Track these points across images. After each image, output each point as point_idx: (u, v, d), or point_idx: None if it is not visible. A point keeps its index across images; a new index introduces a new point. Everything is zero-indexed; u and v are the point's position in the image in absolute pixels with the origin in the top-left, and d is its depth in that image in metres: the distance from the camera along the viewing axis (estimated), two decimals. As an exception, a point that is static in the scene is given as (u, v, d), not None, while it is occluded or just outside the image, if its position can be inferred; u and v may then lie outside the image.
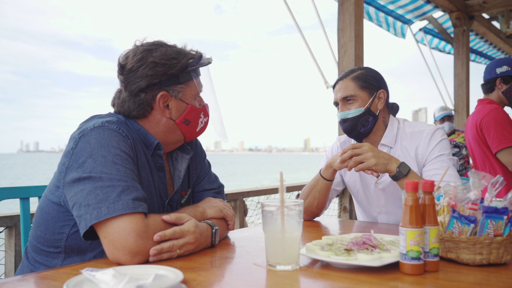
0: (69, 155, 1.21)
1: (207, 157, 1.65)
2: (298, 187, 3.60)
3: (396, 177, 1.62)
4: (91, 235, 1.15)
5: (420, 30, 6.78)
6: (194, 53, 1.39)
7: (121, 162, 1.19)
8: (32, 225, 1.35)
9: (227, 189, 2.81)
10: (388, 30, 5.82)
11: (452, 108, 6.44)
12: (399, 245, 1.03)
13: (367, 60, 4.69)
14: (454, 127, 5.22)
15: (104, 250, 1.12)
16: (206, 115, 1.45)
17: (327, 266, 1.09)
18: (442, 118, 5.10)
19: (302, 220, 1.10)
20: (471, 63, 7.39)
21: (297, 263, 1.08)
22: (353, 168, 1.64)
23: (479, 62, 8.58)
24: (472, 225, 1.09)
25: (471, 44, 7.38)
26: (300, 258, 1.11)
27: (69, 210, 1.21)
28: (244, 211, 3.21)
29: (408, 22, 6.05)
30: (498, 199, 1.12)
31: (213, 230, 1.30)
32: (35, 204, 1.61)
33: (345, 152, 1.64)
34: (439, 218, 1.14)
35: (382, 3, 5.36)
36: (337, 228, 1.80)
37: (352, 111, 1.81)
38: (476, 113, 2.96)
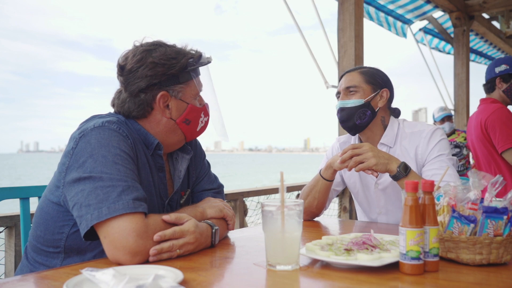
0: (70, 155, 1.21)
1: (207, 157, 1.65)
2: (298, 187, 3.60)
3: (397, 177, 1.62)
4: (91, 236, 1.15)
5: (420, 30, 6.78)
6: (194, 53, 1.39)
7: (122, 162, 1.19)
8: (32, 225, 1.35)
9: (227, 189, 2.81)
10: (389, 30, 5.83)
11: (452, 108, 6.44)
12: (399, 245, 1.03)
13: (367, 60, 4.69)
14: (454, 127, 5.21)
15: (104, 250, 1.13)
16: (207, 115, 1.45)
17: (327, 266, 1.09)
18: (442, 119, 5.09)
19: (302, 220, 1.10)
20: (471, 63, 7.40)
21: (297, 263, 1.08)
22: (353, 169, 1.63)
23: (479, 62, 8.58)
24: (472, 225, 1.09)
25: (471, 44, 7.38)
26: (300, 258, 1.11)
27: (69, 210, 1.21)
28: (244, 211, 3.21)
29: (408, 22, 6.05)
30: (498, 199, 1.12)
31: (213, 230, 1.30)
32: (35, 204, 1.61)
33: (345, 153, 1.64)
34: (439, 218, 1.14)
35: (382, 3, 5.37)
36: (337, 228, 1.80)
37: (352, 101, 1.82)
38: (480, 113, 2.95)
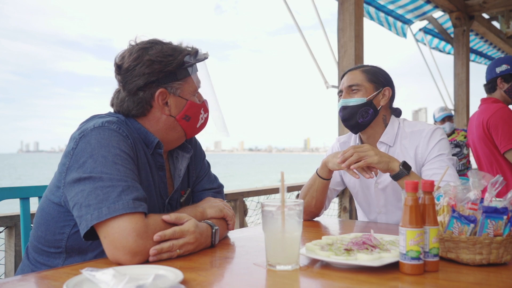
0: (70, 155, 1.21)
1: (207, 157, 1.65)
2: (298, 187, 3.60)
3: (399, 176, 1.62)
4: (92, 236, 1.15)
5: (420, 30, 6.78)
6: (190, 49, 1.39)
7: (121, 162, 1.19)
8: (33, 226, 1.35)
9: (227, 189, 2.81)
10: (390, 30, 5.83)
11: (452, 108, 6.44)
12: (399, 245, 1.03)
13: (367, 60, 4.70)
14: (455, 127, 5.21)
15: (104, 250, 1.13)
16: (206, 111, 1.45)
17: (327, 266, 1.09)
18: (443, 119, 5.08)
19: (302, 220, 1.10)
20: (471, 63, 7.39)
21: (297, 263, 1.08)
22: (353, 167, 1.62)
23: (479, 62, 8.58)
24: (472, 225, 1.09)
25: (471, 44, 7.38)
26: (300, 258, 1.11)
27: (70, 210, 1.21)
28: (244, 211, 3.21)
29: (408, 22, 6.05)
30: (498, 199, 1.12)
31: (213, 230, 1.30)
32: (35, 204, 1.61)
33: (347, 152, 1.63)
34: (439, 218, 1.14)
35: (382, 3, 5.37)
36: (337, 228, 1.80)
37: (354, 99, 1.81)
38: (482, 112, 2.93)
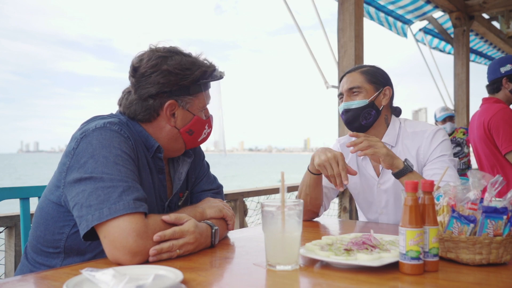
0: (70, 155, 1.22)
1: (207, 157, 1.65)
2: (298, 188, 3.60)
3: (402, 173, 1.63)
4: (91, 236, 1.15)
5: (420, 30, 6.78)
6: (208, 65, 1.38)
7: (122, 163, 1.19)
8: (32, 225, 1.35)
9: (227, 189, 2.81)
10: (390, 29, 5.83)
11: (453, 109, 6.43)
12: (399, 245, 1.03)
13: (367, 60, 4.70)
14: (455, 128, 5.20)
15: (104, 250, 1.13)
16: (210, 127, 1.46)
17: (327, 266, 1.09)
18: (444, 119, 5.07)
19: (302, 220, 1.10)
20: (471, 63, 7.39)
21: (297, 263, 1.08)
22: (361, 154, 1.65)
23: (479, 63, 8.58)
24: (472, 225, 1.09)
25: (471, 44, 7.38)
26: (300, 258, 1.11)
27: (70, 210, 1.21)
28: (244, 211, 3.21)
29: (408, 22, 6.05)
30: (498, 199, 1.12)
31: (213, 230, 1.30)
32: (35, 204, 1.61)
33: (358, 139, 1.67)
34: (439, 218, 1.14)
35: (382, 3, 5.37)
36: (337, 228, 1.80)
37: (356, 102, 1.81)
38: (483, 113, 2.90)
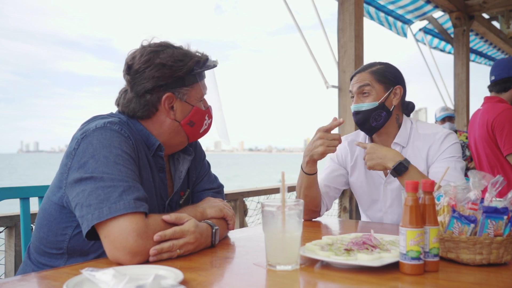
0: (71, 156, 1.22)
1: (207, 158, 1.65)
2: (296, 189, 3.59)
3: (393, 175, 1.67)
4: (94, 235, 1.16)
5: (420, 30, 6.78)
6: (201, 55, 1.39)
7: (123, 163, 1.19)
8: (35, 226, 1.35)
9: (228, 189, 2.81)
10: (390, 29, 5.83)
11: (453, 108, 6.43)
12: (399, 245, 1.03)
13: (367, 60, 4.70)
14: (455, 128, 5.19)
15: (105, 250, 1.13)
16: (210, 117, 1.46)
17: (327, 266, 1.09)
18: (443, 119, 5.06)
19: (302, 220, 1.10)
20: (471, 63, 7.40)
21: (297, 263, 1.08)
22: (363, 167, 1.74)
23: (479, 63, 8.58)
24: (472, 225, 1.09)
25: (471, 44, 7.38)
26: (300, 258, 1.11)
27: (72, 211, 1.21)
28: (244, 211, 3.21)
29: (408, 22, 6.05)
30: (498, 199, 1.12)
31: (213, 230, 1.30)
32: (35, 204, 1.60)
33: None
34: (439, 218, 1.13)
35: (382, 3, 5.37)
36: (337, 228, 1.80)
37: (366, 104, 1.81)
38: (487, 112, 2.87)
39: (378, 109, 1.80)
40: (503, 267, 1.07)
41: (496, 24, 7.55)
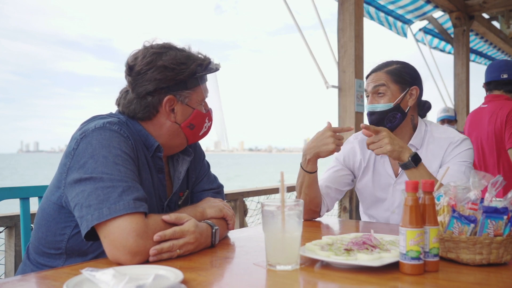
0: (71, 156, 1.21)
1: (207, 158, 1.65)
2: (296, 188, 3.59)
3: (406, 166, 1.63)
4: (93, 236, 1.15)
5: (420, 30, 6.78)
6: (203, 58, 1.39)
7: (122, 163, 1.19)
8: (33, 226, 1.35)
9: (228, 189, 2.81)
10: (390, 29, 5.83)
11: (453, 109, 6.41)
12: (399, 245, 1.03)
13: (367, 60, 4.70)
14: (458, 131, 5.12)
15: (105, 250, 1.13)
16: (210, 120, 1.46)
17: (327, 266, 1.09)
18: (442, 120, 4.97)
19: (302, 220, 1.10)
20: (471, 63, 7.40)
21: (297, 263, 1.08)
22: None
23: (479, 63, 8.58)
24: (472, 225, 1.09)
25: (471, 44, 7.38)
26: (300, 258, 1.11)
27: (71, 211, 1.21)
28: (244, 211, 3.22)
29: (408, 22, 6.06)
30: (498, 199, 1.12)
31: (213, 230, 1.30)
32: (35, 204, 1.60)
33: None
34: (439, 218, 1.13)
35: (382, 3, 5.37)
36: (337, 228, 1.80)
37: (381, 105, 1.78)
38: (499, 108, 2.87)
39: (393, 111, 1.77)
40: (503, 267, 1.07)
41: (496, 24, 7.55)
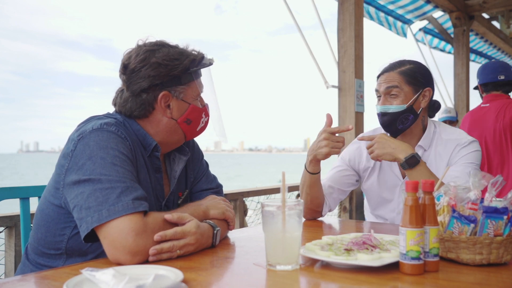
0: (68, 157, 1.22)
1: (207, 158, 1.65)
2: (298, 187, 3.59)
3: (403, 167, 1.64)
4: (92, 237, 1.15)
5: (420, 30, 6.78)
6: (196, 54, 1.40)
7: (120, 164, 1.19)
8: (33, 227, 1.35)
9: (228, 189, 2.81)
10: (390, 29, 5.83)
11: (454, 109, 6.41)
12: (399, 245, 1.03)
13: (367, 60, 4.70)
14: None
15: (105, 252, 1.13)
16: (207, 115, 1.46)
17: (327, 266, 1.09)
18: (443, 122, 4.94)
19: (302, 220, 1.10)
20: (471, 63, 7.39)
21: (297, 263, 1.08)
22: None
23: (479, 62, 8.57)
24: (472, 225, 1.09)
25: (471, 44, 7.38)
26: (300, 258, 1.11)
27: (70, 212, 1.21)
28: (244, 211, 3.21)
29: (408, 22, 6.05)
30: (498, 199, 1.12)
31: (215, 231, 1.30)
32: (35, 204, 1.60)
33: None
34: (439, 218, 1.13)
35: (382, 3, 5.37)
36: (337, 228, 1.80)
37: (394, 106, 1.75)
38: (507, 105, 2.91)
39: (406, 112, 1.74)
40: (503, 267, 1.07)
41: (496, 24, 7.55)
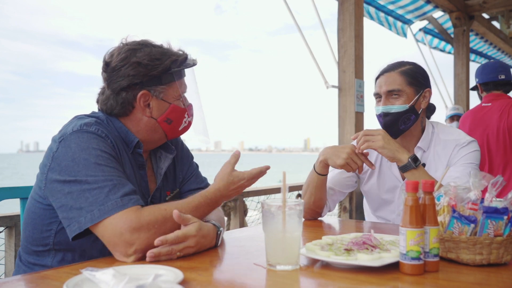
0: (50, 158, 1.23)
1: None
2: (298, 187, 3.60)
3: (406, 167, 1.62)
4: (78, 235, 1.16)
5: (420, 30, 6.78)
6: (180, 54, 1.39)
7: (104, 162, 1.20)
8: (22, 227, 1.36)
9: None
10: (390, 29, 5.83)
11: (462, 107, 6.42)
12: (399, 245, 1.03)
13: (367, 60, 4.70)
14: None
15: (97, 246, 1.14)
16: (190, 115, 1.46)
17: (327, 266, 1.09)
18: (452, 117, 5.10)
19: (302, 220, 1.10)
20: (471, 63, 7.39)
21: (297, 263, 1.08)
22: (357, 150, 1.65)
23: (479, 63, 8.58)
24: (472, 225, 1.09)
25: (471, 44, 7.37)
26: (300, 258, 1.11)
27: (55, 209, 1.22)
28: (244, 211, 3.22)
29: (408, 22, 6.06)
30: (498, 199, 1.12)
31: (218, 232, 1.29)
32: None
33: (359, 136, 1.68)
34: (439, 218, 1.13)
35: (382, 3, 5.37)
36: (337, 228, 1.80)
37: (396, 107, 1.74)
38: (510, 105, 2.92)
39: (408, 112, 1.74)
40: (503, 267, 1.07)
41: (496, 24, 7.55)
